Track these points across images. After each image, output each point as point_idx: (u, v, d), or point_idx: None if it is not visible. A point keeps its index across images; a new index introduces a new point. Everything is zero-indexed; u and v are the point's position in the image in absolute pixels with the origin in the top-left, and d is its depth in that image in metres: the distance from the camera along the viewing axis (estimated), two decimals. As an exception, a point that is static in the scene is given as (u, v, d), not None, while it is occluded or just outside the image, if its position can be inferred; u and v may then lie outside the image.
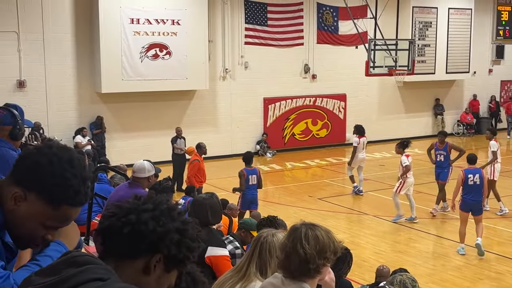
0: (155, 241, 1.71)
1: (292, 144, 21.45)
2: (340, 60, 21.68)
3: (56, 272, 1.58)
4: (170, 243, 1.71)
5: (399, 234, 11.86)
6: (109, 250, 1.75)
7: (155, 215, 1.73)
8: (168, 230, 1.72)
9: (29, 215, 1.92)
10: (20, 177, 1.93)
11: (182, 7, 18.06)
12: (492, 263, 10.17)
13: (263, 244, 3.33)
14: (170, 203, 1.80)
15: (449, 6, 23.28)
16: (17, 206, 1.92)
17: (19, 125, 4.50)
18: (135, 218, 1.71)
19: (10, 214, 1.93)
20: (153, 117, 18.60)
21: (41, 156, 1.92)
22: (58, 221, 1.98)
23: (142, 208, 1.75)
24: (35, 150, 1.97)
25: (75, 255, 1.64)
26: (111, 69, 17.10)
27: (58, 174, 1.89)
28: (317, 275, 2.66)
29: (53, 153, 1.92)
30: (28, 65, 16.69)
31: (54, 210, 1.92)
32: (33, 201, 1.91)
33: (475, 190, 10.56)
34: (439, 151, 13.38)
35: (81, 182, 1.93)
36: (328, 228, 2.78)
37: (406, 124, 23.67)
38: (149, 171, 6.38)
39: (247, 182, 11.43)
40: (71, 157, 1.94)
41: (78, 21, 17.33)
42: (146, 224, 1.71)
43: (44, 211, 1.92)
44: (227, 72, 19.93)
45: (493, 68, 26.13)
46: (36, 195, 1.91)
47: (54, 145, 1.98)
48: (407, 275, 4.50)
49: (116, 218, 1.73)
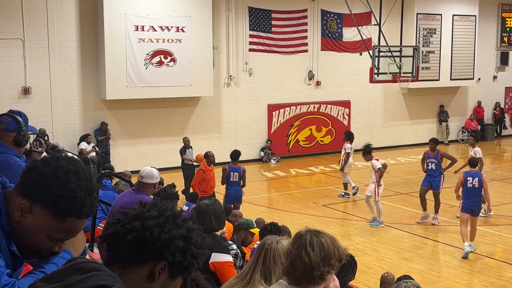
0: (160, 248, 1.70)
1: (296, 151, 21.44)
2: (344, 67, 21.70)
3: (61, 278, 1.58)
4: (175, 250, 1.71)
5: (404, 241, 11.82)
6: (114, 257, 1.74)
7: (160, 222, 1.73)
8: (173, 237, 1.72)
9: (35, 227, 1.92)
10: (27, 188, 1.93)
11: (187, 14, 18.12)
12: (498, 270, 10.12)
13: (267, 251, 3.33)
14: (175, 210, 1.80)
15: (453, 13, 23.29)
16: (23, 218, 1.92)
17: (23, 131, 4.53)
18: (140, 225, 1.71)
19: (16, 225, 1.94)
20: (157, 123, 18.63)
21: (47, 168, 1.91)
22: (64, 233, 1.97)
23: (147, 215, 1.75)
24: (41, 162, 1.97)
25: (80, 261, 1.64)
26: (115, 76, 17.16)
27: (64, 186, 1.89)
28: (321, 282, 2.65)
29: (59, 165, 1.92)
30: (33, 72, 16.76)
31: (60, 222, 1.92)
32: (39, 213, 1.91)
33: (474, 192, 10.87)
34: (430, 159, 13.12)
35: (87, 194, 1.93)
36: (333, 235, 2.77)
37: (410, 130, 23.66)
38: (157, 177, 6.46)
39: (228, 178, 12.35)
40: (78, 169, 1.94)
41: (83, 28, 17.40)
42: (151, 231, 1.70)
43: (50, 223, 1.91)
44: (232, 79, 19.96)
45: (497, 74, 26.09)
46: (42, 207, 1.90)
47: (61, 157, 1.98)
48: (412, 282, 4.48)
49: (121, 225, 1.73)
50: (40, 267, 1.99)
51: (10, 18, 16.38)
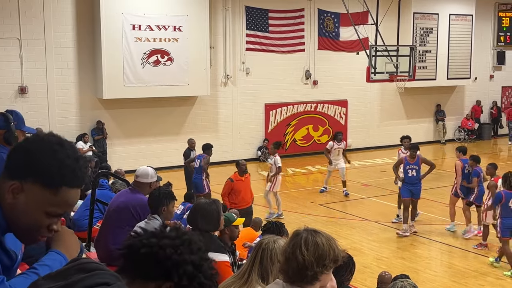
0: (169, 268, 1.73)
1: (293, 150, 21.44)
2: (341, 66, 21.71)
3: (65, 276, 1.59)
4: (183, 274, 1.73)
5: (401, 240, 11.82)
6: (125, 268, 1.77)
7: (175, 243, 1.76)
8: (184, 260, 1.74)
9: (29, 205, 1.89)
10: (13, 169, 1.90)
11: (184, 14, 18.10)
12: (494, 269, 10.13)
13: (264, 251, 3.33)
14: (193, 237, 1.83)
15: (450, 12, 23.32)
16: (16, 199, 1.89)
17: (11, 129, 4.54)
18: (155, 242, 1.75)
19: (10, 209, 1.90)
20: (154, 123, 18.62)
21: (30, 143, 1.90)
22: (59, 206, 1.93)
23: (165, 234, 1.79)
24: (23, 140, 1.96)
25: (83, 261, 1.66)
26: (112, 75, 17.13)
27: (51, 156, 1.86)
28: (315, 282, 2.63)
29: (41, 139, 1.90)
30: (29, 71, 16.73)
31: (53, 195, 1.88)
32: (30, 189, 1.88)
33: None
34: (410, 165, 12.10)
35: (75, 161, 1.90)
36: (331, 235, 2.76)
37: (407, 130, 23.49)
38: (152, 177, 6.41)
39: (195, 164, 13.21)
40: (61, 140, 1.92)
41: (79, 27, 17.37)
42: (164, 250, 1.73)
43: (44, 197, 1.88)
44: (229, 78, 19.96)
45: (494, 74, 26.14)
46: (32, 182, 1.87)
47: (42, 133, 1.97)
48: (408, 281, 4.49)
49: (139, 239, 1.78)
50: (33, 268, 1.98)
51: (7, 17, 16.34)
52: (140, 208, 6.12)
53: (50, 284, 1.59)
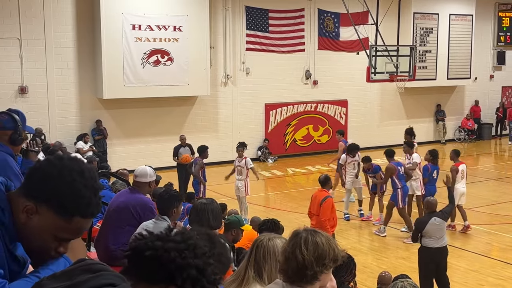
0: (173, 271, 1.72)
1: (293, 150, 21.44)
2: (341, 66, 21.71)
3: (69, 277, 1.59)
4: (186, 278, 1.72)
5: (401, 240, 11.82)
6: (130, 270, 1.77)
7: (179, 247, 1.75)
8: (188, 264, 1.73)
9: (41, 228, 1.90)
10: (31, 189, 1.91)
11: (184, 14, 18.11)
12: (494, 270, 10.13)
13: (258, 248, 3.34)
14: (199, 242, 1.82)
15: (450, 12, 23.33)
16: (29, 219, 1.91)
17: (19, 130, 4.51)
18: (160, 245, 1.74)
19: (22, 227, 1.92)
20: (154, 123, 18.62)
21: (51, 167, 1.90)
22: (70, 233, 1.96)
23: (171, 238, 1.78)
24: (45, 162, 1.95)
25: (89, 262, 1.66)
26: (112, 75, 17.14)
27: (69, 186, 1.87)
28: (315, 281, 2.63)
29: (63, 165, 1.90)
30: (29, 71, 16.73)
31: (66, 222, 1.90)
32: (44, 213, 1.89)
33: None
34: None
35: (92, 193, 1.91)
36: (330, 235, 2.76)
37: (407, 130, 23.64)
38: (151, 176, 6.42)
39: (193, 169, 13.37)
40: (82, 168, 1.92)
41: (79, 27, 17.38)
42: (169, 253, 1.72)
43: (57, 223, 1.90)
44: (229, 78, 19.96)
45: (494, 74, 26.15)
46: (47, 207, 1.89)
47: (65, 157, 1.97)
48: (408, 281, 4.49)
49: (144, 241, 1.77)
50: (35, 272, 1.98)
51: (7, 17, 16.35)
52: (140, 208, 6.14)
53: (54, 284, 1.59)
